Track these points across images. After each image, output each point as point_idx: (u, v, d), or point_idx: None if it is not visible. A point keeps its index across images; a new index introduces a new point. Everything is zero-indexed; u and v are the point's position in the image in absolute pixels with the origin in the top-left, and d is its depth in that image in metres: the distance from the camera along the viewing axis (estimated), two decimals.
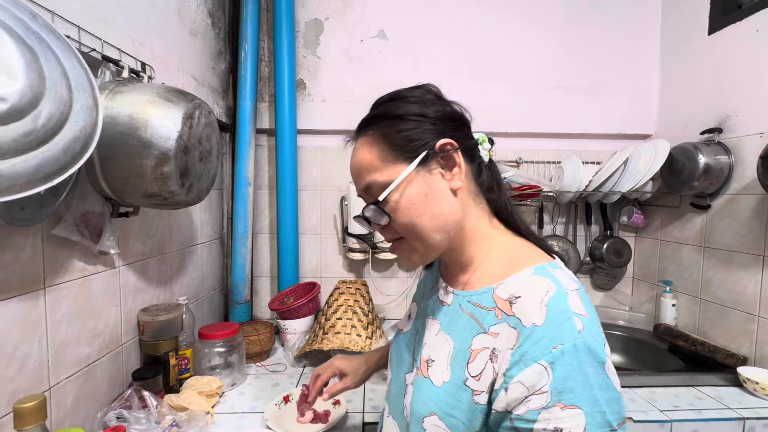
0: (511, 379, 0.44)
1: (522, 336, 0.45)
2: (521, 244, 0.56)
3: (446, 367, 0.52)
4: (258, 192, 1.63)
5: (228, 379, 1.13)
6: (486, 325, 0.50)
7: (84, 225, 0.77)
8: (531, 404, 0.42)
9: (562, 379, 0.41)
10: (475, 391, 0.48)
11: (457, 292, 0.57)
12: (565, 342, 0.42)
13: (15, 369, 0.68)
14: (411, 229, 0.53)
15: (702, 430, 1.02)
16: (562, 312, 0.44)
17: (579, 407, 0.41)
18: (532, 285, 0.48)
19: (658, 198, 1.60)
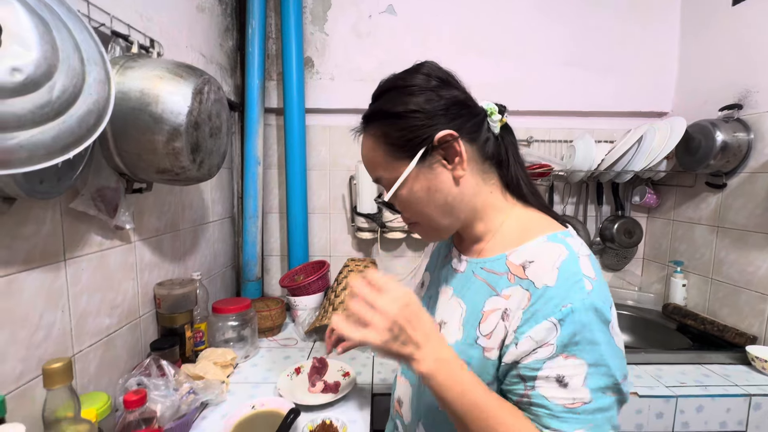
0: (522, 334, 0.47)
1: (534, 296, 0.48)
2: (534, 215, 0.58)
3: (458, 328, 0.56)
4: (267, 171, 1.64)
5: (241, 351, 1.17)
6: (498, 288, 0.53)
7: (100, 199, 0.79)
8: (537, 355, 0.46)
9: (568, 335, 0.45)
10: (485, 348, 0.52)
11: (470, 260, 0.60)
12: (574, 302, 0.45)
13: (42, 336, 0.71)
14: (421, 218, 0.58)
15: (707, 406, 1.03)
16: (573, 274, 0.47)
17: (582, 359, 0.44)
18: (545, 250, 0.51)
19: (672, 177, 1.57)
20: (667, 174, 1.53)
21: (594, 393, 0.44)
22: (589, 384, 0.44)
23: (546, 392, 0.45)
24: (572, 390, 0.44)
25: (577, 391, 0.44)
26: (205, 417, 0.90)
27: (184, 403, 0.85)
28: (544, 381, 0.45)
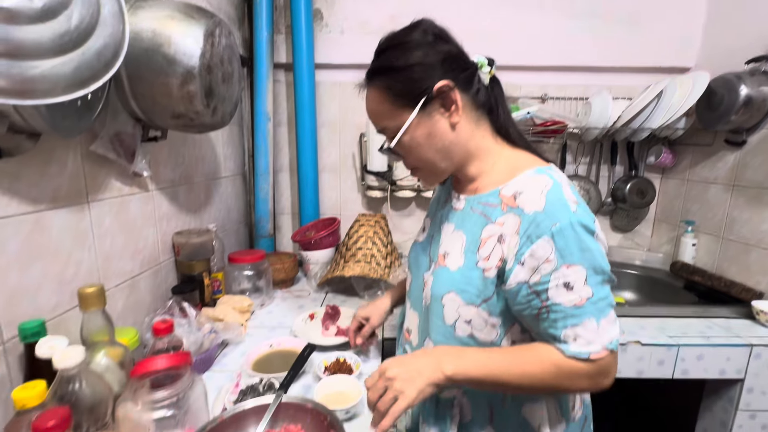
0: (523, 255, 0.55)
1: (525, 221, 0.55)
2: (521, 155, 0.65)
3: (460, 256, 0.63)
4: (277, 129, 1.64)
5: (257, 300, 1.22)
6: (493, 217, 0.60)
7: (119, 143, 0.81)
8: (542, 271, 0.54)
9: (562, 247, 0.53)
10: (485, 269, 0.59)
11: (468, 198, 0.67)
12: (562, 220, 0.53)
13: (72, 273, 0.75)
14: (421, 163, 0.65)
15: (708, 354, 1.06)
16: (558, 199, 0.55)
17: (579, 264, 0.53)
18: (532, 181, 0.58)
19: (689, 136, 1.53)
20: (685, 132, 1.48)
21: (594, 288, 0.53)
22: (589, 282, 0.53)
23: (558, 298, 0.54)
24: (578, 290, 0.53)
25: (582, 290, 0.53)
26: (226, 354, 0.96)
27: (207, 341, 0.91)
28: (554, 290, 0.54)
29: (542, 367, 0.56)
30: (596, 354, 0.54)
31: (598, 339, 0.54)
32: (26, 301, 0.66)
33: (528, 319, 0.58)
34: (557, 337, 0.55)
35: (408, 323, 0.76)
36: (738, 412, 1.10)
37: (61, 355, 0.48)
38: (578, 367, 0.55)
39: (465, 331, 0.62)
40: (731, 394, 1.12)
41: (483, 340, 0.62)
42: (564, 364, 0.55)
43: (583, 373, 0.55)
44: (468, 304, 0.60)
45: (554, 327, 0.55)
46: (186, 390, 0.60)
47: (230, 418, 0.65)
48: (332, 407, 0.67)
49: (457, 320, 0.62)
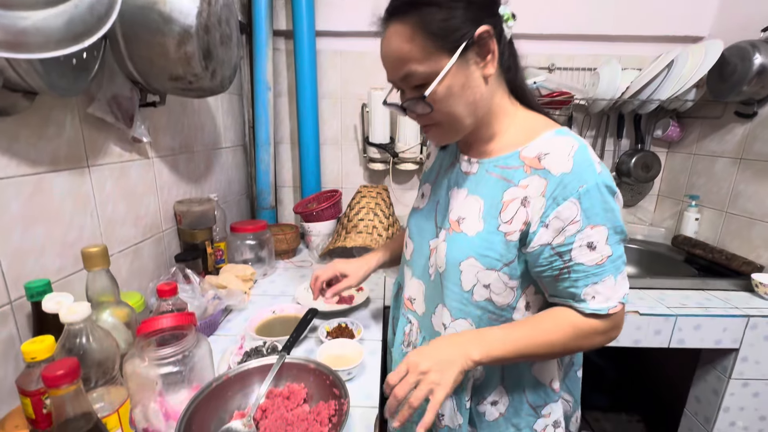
0: (548, 217, 0.54)
1: (552, 183, 0.54)
2: (536, 117, 0.63)
3: (479, 221, 0.61)
4: (278, 100, 1.61)
5: (260, 270, 1.23)
6: (516, 180, 0.58)
7: (116, 107, 0.79)
8: (567, 232, 0.54)
9: (588, 208, 0.52)
10: (507, 232, 0.58)
11: (482, 161, 0.64)
12: (588, 182, 0.52)
13: (74, 236, 0.75)
14: (448, 117, 0.58)
15: (705, 325, 1.07)
16: (585, 160, 0.54)
17: (602, 225, 0.53)
18: (558, 142, 0.56)
19: (698, 108, 1.49)
20: (694, 104, 1.45)
21: (613, 246, 0.54)
22: (610, 241, 0.54)
23: (582, 259, 0.54)
24: (599, 250, 0.54)
25: (603, 249, 0.54)
26: (230, 320, 0.98)
27: (210, 306, 0.92)
28: (578, 251, 0.54)
29: (563, 332, 0.57)
30: (614, 309, 0.56)
31: (615, 295, 0.56)
32: (31, 262, 0.66)
33: (546, 280, 0.58)
34: (577, 296, 0.56)
35: (410, 292, 0.74)
36: (731, 380, 1.13)
37: (67, 310, 0.49)
38: (594, 325, 0.57)
39: (482, 296, 0.61)
40: (725, 364, 1.14)
41: (500, 303, 0.62)
42: (581, 324, 0.57)
43: (600, 330, 0.57)
44: (488, 269, 0.59)
45: (575, 286, 0.56)
46: (191, 348, 0.61)
47: (235, 376, 0.67)
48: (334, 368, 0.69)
49: (475, 285, 0.61)
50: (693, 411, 1.25)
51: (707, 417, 1.20)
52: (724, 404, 1.15)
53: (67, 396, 0.44)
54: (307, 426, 0.61)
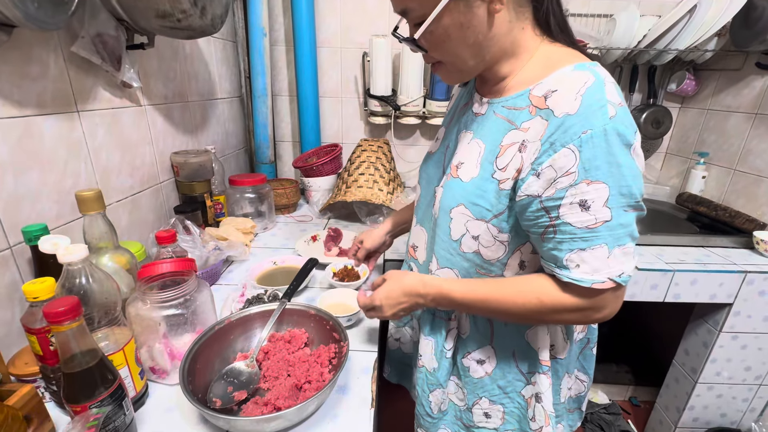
0: (541, 165, 0.48)
1: (552, 125, 0.47)
2: (561, 50, 0.53)
3: (476, 166, 0.56)
4: (274, 48, 1.53)
5: (260, 224, 1.23)
6: (518, 122, 0.52)
7: (102, 47, 0.75)
8: (559, 185, 0.47)
9: (588, 159, 0.45)
10: (500, 180, 0.52)
11: (492, 101, 0.57)
12: (595, 127, 0.44)
13: (70, 184, 0.74)
14: (446, 58, 0.54)
15: (702, 280, 1.09)
16: (597, 100, 0.45)
17: (603, 182, 0.45)
18: (570, 78, 0.48)
19: (717, 60, 1.42)
20: (713, 56, 1.37)
21: (615, 211, 0.46)
22: (610, 203, 0.45)
23: (570, 218, 0.47)
24: (594, 211, 0.46)
25: (599, 211, 0.46)
26: (231, 271, 0.99)
27: (212, 256, 0.92)
28: (567, 208, 0.47)
29: (524, 299, 0.53)
30: (599, 284, 0.48)
31: (605, 268, 0.48)
32: (27, 207, 0.65)
33: (533, 238, 0.53)
34: (559, 260, 0.50)
35: (414, 239, 0.72)
36: (721, 333, 1.16)
37: (64, 250, 0.49)
38: (564, 301, 0.51)
39: (470, 247, 0.58)
40: (717, 318, 1.16)
41: (488, 257, 0.57)
42: (548, 299, 0.52)
43: (572, 306, 0.51)
44: (477, 218, 0.55)
45: (558, 249, 0.49)
46: (192, 292, 0.62)
47: (237, 320, 0.69)
48: (335, 315, 0.70)
49: (463, 235, 0.57)
50: (681, 362, 1.30)
51: (694, 368, 1.25)
52: (712, 356, 1.19)
53: (70, 332, 0.45)
54: (308, 367, 0.64)
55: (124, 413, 0.50)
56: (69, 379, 0.46)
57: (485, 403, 0.66)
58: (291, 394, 0.59)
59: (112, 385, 0.48)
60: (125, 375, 0.54)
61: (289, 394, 0.59)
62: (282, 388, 0.59)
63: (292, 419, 0.54)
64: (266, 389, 0.61)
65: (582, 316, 0.53)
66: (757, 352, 1.19)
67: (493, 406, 0.66)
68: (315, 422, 0.56)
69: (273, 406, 0.56)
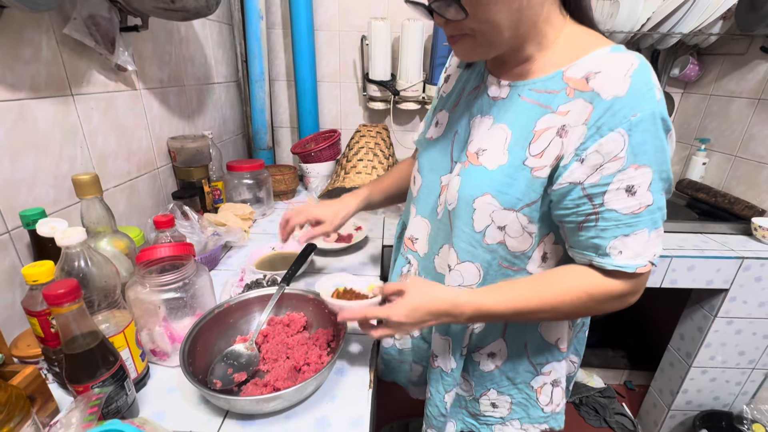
0: (586, 150, 0.46)
1: (599, 108, 0.45)
2: (587, 32, 0.51)
3: (503, 153, 0.52)
4: (271, 32, 1.50)
5: (259, 210, 1.23)
6: (554, 105, 0.49)
7: (95, 28, 0.74)
8: (605, 170, 0.46)
9: (638, 143, 0.44)
10: (534, 168, 0.50)
11: (515, 84, 0.54)
12: (644, 110, 0.43)
13: (66, 168, 0.74)
14: (485, 26, 0.48)
15: (699, 266, 1.09)
16: (645, 83, 0.44)
17: (649, 166, 0.45)
18: (614, 60, 0.46)
19: (721, 44, 1.39)
20: (717, 39, 1.35)
21: (655, 195, 0.46)
22: (653, 188, 0.46)
23: (616, 204, 0.46)
24: (639, 196, 0.46)
25: (644, 196, 0.46)
26: (230, 256, 0.99)
27: (210, 242, 0.93)
28: (613, 194, 0.46)
29: (573, 298, 0.51)
30: (642, 268, 0.48)
31: (646, 252, 0.47)
32: (24, 192, 0.65)
33: (568, 227, 0.51)
34: (601, 248, 0.49)
35: (412, 231, 0.69)
36: (716, 318, 1.17)
37: (62, 233, 0.49)
38: (612, 288, 0.50)
39: (495, 238, 0.55)
40: (713, 303, 1.18)
41: (514, 248, 0.55)
42: (596, 291, 0.50)
43: (617, 294, 0.50)
44: (506, 208, 0.52)
45: (601, 237, 0.48)
46: (191, 276, 0.62)
47: (237, 304, 0.69)
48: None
49: (488, 226, 0.54)
50: (676, 347, 1.32)
51: (689, 352, 1.26)
52: (706, 341, 1.21)
53: (70, 314, 0.46)
54: (306, 350, 0.64)
55: (125, 393, 0.51)
56: (70, 360, 0.47)
57: (493, 394, 0.67)
58: (290, 376, 0.60)
59: (114, 366, 0.49)
60: (126, 357, 0.55)
61: (288, 376, 0.60)
62: (281, 370, 0.60)
63: (291, 399, 0.55)
64: (265, 371, 0.62)
65: (623, 302, 0.52)
66: (751, 337, 1.20)
67: (501, 396, 0.67)
68: (313, 403, 0.57)
69: (272, 387, 0.57)
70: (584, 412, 1.56)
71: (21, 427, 0.40)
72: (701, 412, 1.31)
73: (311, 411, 0.56)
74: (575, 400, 1.59)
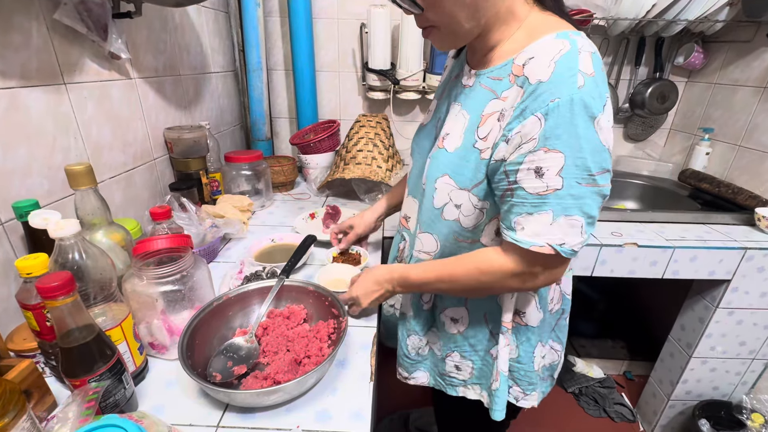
0: (511, 131, 0.49)
1: (527, 92, 0.47)
2: (548, 19, 0.52)
3: (460, 136, 0.57)
4: (268, 20, 1.47)
5: (257, 202, 1.22)
6: (499, 91, 0.52)
7: (86, 14, 0.71)
8: (520, 150, 0.48)
9: (551, 127, 0.45)
10: (482, 150, 0.54)
11: (479, 72, 0.57)
12: (562, 96, 0.44)
13: (60, 159, 0.72)
14: (444, 18, 0.52)
15: (701, 257, 1.08)
16: (568, 69, 0.45)
17: (561, 151, 0.46)
18: (548, 46, 0.48)
19: (727, 31, 1.37)
20: (723, 27, 1.33)
21: (567, 181, 0.47)
22: (564, 173, 0.46)
23: (525, 183, 0.49)
24: (546, 179, 0.47)
25: (551, 180, 0.47)
26: (229, 248, 0.98)
27: (209, 234, 0.92)
28: (524, 173, 0.48)
29: (465, 270, 0.57)
30: (537, 248, 0.49)
31: (547, 234, 0.49)
32: (17, 183, 0.64)
33: (497, 202, 0.55)
34: (507, 221, 0.52)
35: (406, 210, 0.74)
36: (718, 309, 1.17)
37: (55, 225, 0.47)
38: (504, 265, 0.54)
39: (452, 215, 0.59)
40: (715, 294, 1.17)
41: (467, 225, 0.59)
42: (487, 267, 0.55)
43: (509, 272, 0.54)
44: (461, 188, 0.56)
45: (511, 212, 0.51)
46: (189, 269, 0.61)
47: (236, 296, 0.68)
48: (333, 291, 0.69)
49: (446, 204, 0.59)
50: (677, 337, 1.32)
51: (689, 343, 1.26)
52: (707, 331, 1.21)
53: (65, 308, 0.44)
54: (307, 342, 0.64)
55: (123, 387, 0.50)
56: (66, 354, 0.46)
57: (456, 356, 0.71)
58: (290, 369, 0.60)
59: (111, 359, 0.48)
60: (124, 350, 0.54)
61: (289, 369, 0.59)
62: (281, 363, 0.60)
63: (292, 392, 0.54)
64: (266, 364, 0.61)
65: (520, 282, 0.55)
66: (752, 328, 1.20)
67: (463, 360, 0.71)
68: (314, 395, 0.57)
69: (272, 380, 0.57)
70: (584, 402, 1.57)
71: (16, 422, 0.39)
72: (701, 402, 1.31)
73: (312, 404, 0.56)
74: (575, 391, 1.60)
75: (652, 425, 1.43)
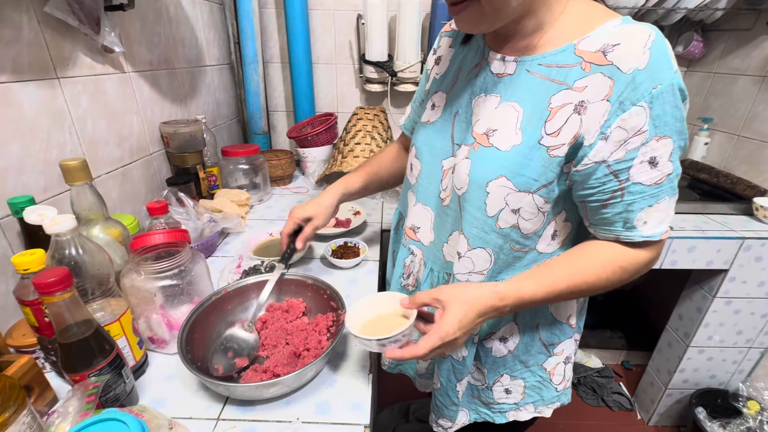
0: (609, 126, 0.45)
1: (620, 82, 0.44)
2: (593, 4, 0.50)
3: (515, 132, 0.51)
4: (264, 11, 1.45)
5: (255, 196, 1.22)
6: (569, 80, 0.48)
7: (78, 6, 0.70)
8: (629, 146, 0.45)
9: (659, 115, 0.44)
10: (551, 146, 0.49)
11: (522, 59, 0.52)
12: (664, 81, 0.43)
13: (55, 154, 0.72)
14: None
15: (699, 247, 1.09)
16: (663, 54, 0.43)
17: (669, 137, 0.45)
18: (630, 32, 0.45)
19: (727, 20, 1.36)
20: (723, 14, 1.31)
21: (675, 163, 0.47)
22: (673, 157, 0.46)
23: (641, 177, 0.46)
24: (661, 167, 0.46)
25: (665, 165, 0.46)
26: (227, 243, 0.98)
27: (207, 229, 0.91)
28: (638, 168, 0.46)
29: (608, 272, 0.51)
30: (665, 234, 0.49)
31: (667, 218, 0.49)
32: (12, 179, 0.63)
33: (591, 206, 0.50)
34: (629, 222, 0.48)
35: (413, 220, 0.67)
36: (715, 299, 1.17)
37: (50, 221, 0.47)
38: (641, 259, 0.51)
39: (508, 222, 0.54)
40: (713, 284, 1.18)
41: (527, 230, 0.54)
42: (628, 264, 0.51)
43: (645, 262, 0.51)
44: (522, 190, 0.50)
45: (629, 210, 0.48)
46: (187, 263, 0.61)
47: (234, 290, 0.69)
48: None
49: (501, 210, 0.53)
50: (674, 327, 1.33)
51: (687, 332, 1.27)
52: (705, 321, 1.21)
53: (62, 303, 0.44)
54: (306, 335, 0.64)
55: (123, 381, 0.50)
56: (66, 349, 0.46)
57: (506, 379, 0.66)
58: (290, 362, 0.60)
59: (110, 354, 0.49)
60: (123, 345, 0.54)
61: (288, 362, 0.60)
62: (281, 356, 0.60)
63: (291, 385, 0.55)
64: (265, 357, 0.61)
65: (649, 268, 0.53)
66: (749, 317, 1.21)
67: (514, 381, 0.66)
68: (314, 388, 0.57)
69: (272, 373, 0.57)
70: (582, 391, 1.59)
71: (16, 417, 0.39)
72: (697, 390, 1.33)
73: (312, 396, 0.56)
74: (573, 380, 1.61)
75: (650, 414, 1.45)
